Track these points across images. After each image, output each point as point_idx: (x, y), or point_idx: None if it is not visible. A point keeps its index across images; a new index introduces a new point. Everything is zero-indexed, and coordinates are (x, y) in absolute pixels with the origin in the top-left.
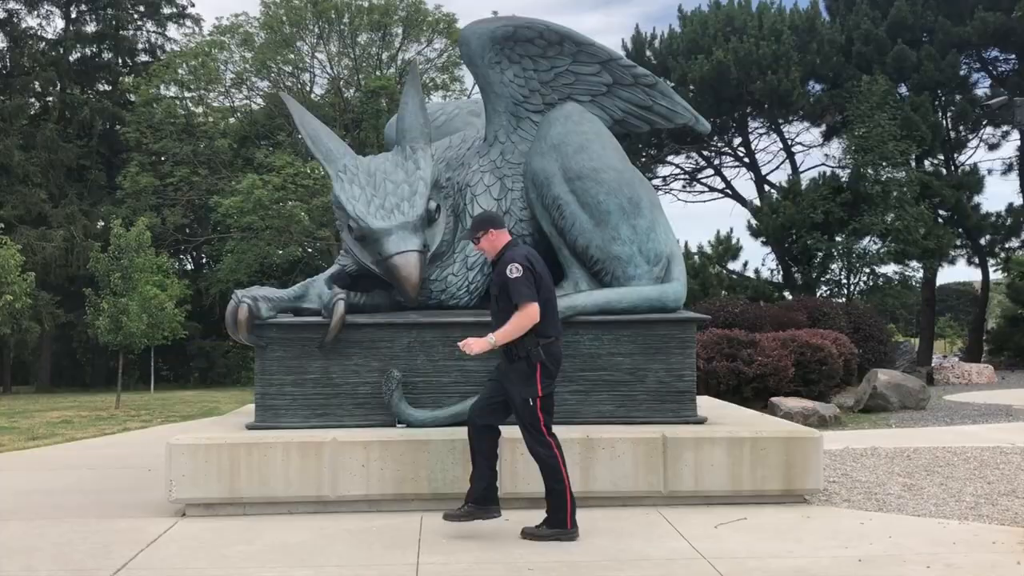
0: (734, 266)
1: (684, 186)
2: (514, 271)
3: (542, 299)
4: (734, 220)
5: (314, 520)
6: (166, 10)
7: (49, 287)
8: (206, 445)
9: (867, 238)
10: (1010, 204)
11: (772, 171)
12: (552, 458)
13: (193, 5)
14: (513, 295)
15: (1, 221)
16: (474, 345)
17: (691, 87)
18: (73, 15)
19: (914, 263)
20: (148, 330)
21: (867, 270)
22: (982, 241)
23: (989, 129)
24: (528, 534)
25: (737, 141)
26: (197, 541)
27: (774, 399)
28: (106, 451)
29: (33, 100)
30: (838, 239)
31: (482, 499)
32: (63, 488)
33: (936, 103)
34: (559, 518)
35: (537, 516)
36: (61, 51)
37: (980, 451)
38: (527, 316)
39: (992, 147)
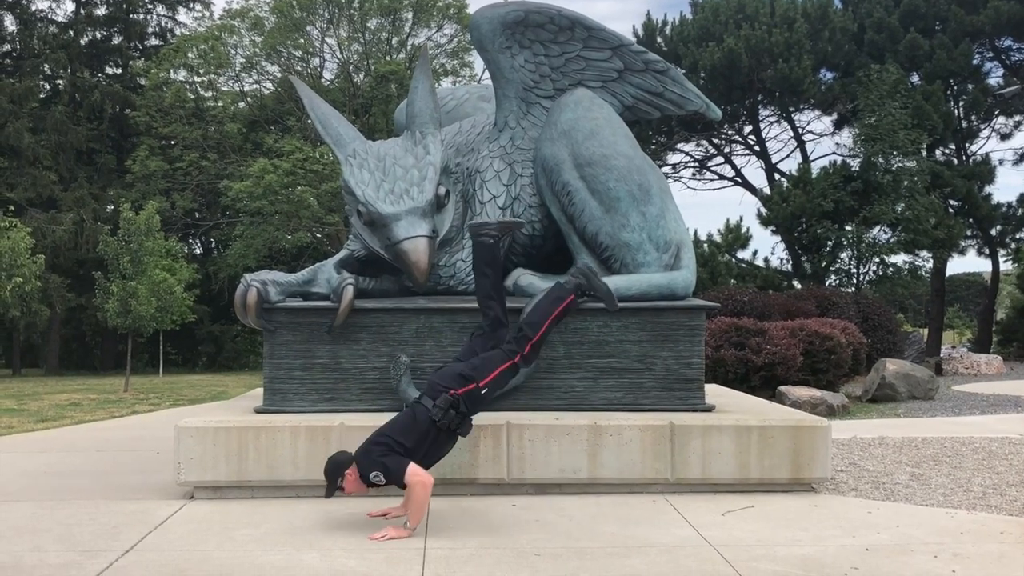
0: (743, 255)
1: (694, 174)
2: (380, 480)
3: (412, 449)
4: (744, 208)
5: (321, 504)
6: None
7: (59, 270)
8: (214, 428)
9: (877, 228)
10: (1021, 194)
11: (782, 159)
12: None
13: None
14: (397, 480)
15: (11, 204)
16: (393, 533)
17: (702, 74)
18: None
19: (924, 253)
20: (157, 314)
21: (877, 260)
22: (992, 231)
23: (1001, 119)
24: None
25: (748, 129)
26: (205, 524)
27: (782, 388)
28: (114, 434)
29: (43, 83)
30: (848, 228)
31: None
32: (71, 470)
33: (948, 92)
34: None
35: (544, 502)
36: (71, 34)
37: (988, 441)
38: (421, 489)
39: (1004, 137)
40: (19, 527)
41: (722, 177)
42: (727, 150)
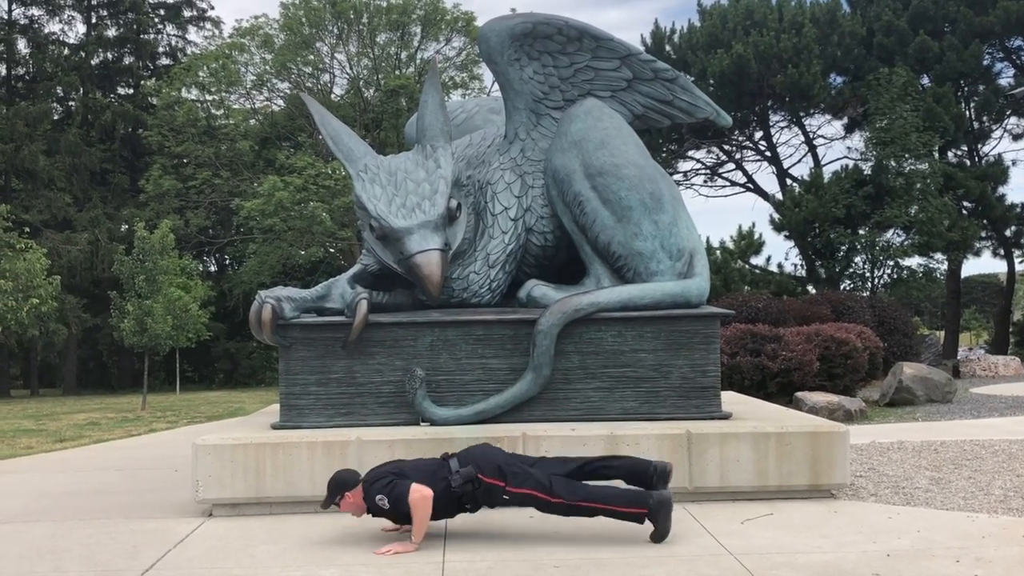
0: (757, 261)
1: (705, 181)
2: (384, 503)
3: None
4: (756, 214)
5: (339, 519)
6: (186, 13)
7: (74, 290)
8: (232, 445)
9: (890, 231)
10: None
11: (794, 165)
12: None
13: (213, 8)
14: (400, 506)
15: (26, 225)
16: (398, 548)
17: (711, 81)
18: (94, 20)
19: (938, 255)
20: (173, 332)
21: (891, 263)
22: (1007, 232)
23: (1013, 119)
24: None
25: (758, 135)
26: (224, 541)
27: (799, 394)
28: (133, 452)
29: (56, 105)
30: (861, 232)
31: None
32: (91, 489)
33: (959, 93)
34: None
35: None
36: (83, 56)
37: (1008, 444)
38: (422, 502)
39: (1016, 137)
40: (40, 547)
41: (734, 183)
42: (738, 156)
